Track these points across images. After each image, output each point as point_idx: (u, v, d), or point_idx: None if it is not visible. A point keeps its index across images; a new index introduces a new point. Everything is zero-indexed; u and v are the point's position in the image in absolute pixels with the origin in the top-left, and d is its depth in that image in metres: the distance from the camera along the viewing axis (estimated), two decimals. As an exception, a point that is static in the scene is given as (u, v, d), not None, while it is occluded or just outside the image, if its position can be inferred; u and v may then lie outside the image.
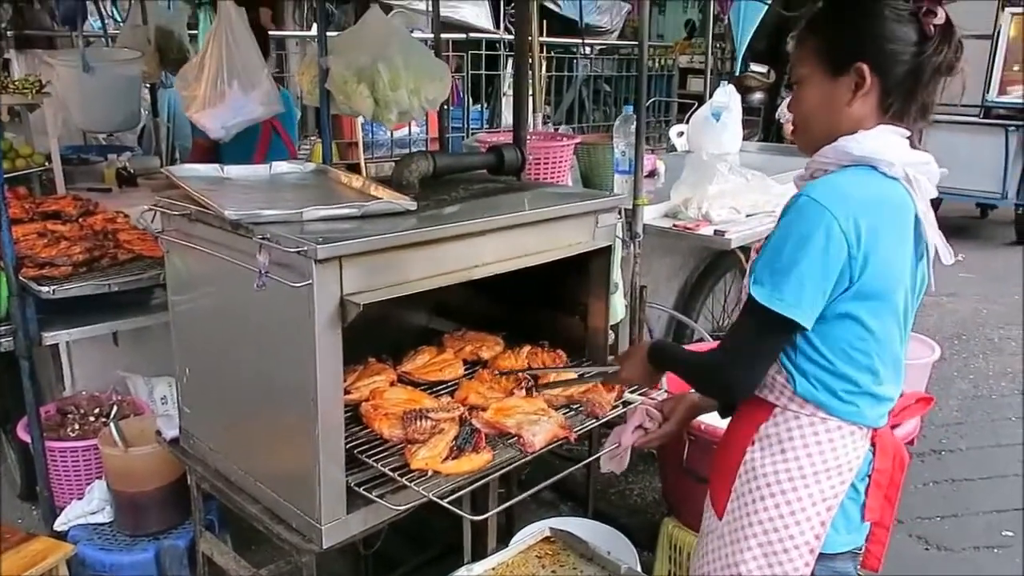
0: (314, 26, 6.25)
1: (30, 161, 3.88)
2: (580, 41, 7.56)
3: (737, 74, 6.44)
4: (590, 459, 2.28)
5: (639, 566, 2.28)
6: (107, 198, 3.83)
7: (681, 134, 4.86)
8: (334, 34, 3.10)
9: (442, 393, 2.12)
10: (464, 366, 2.27)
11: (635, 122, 3.04)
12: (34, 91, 3.81)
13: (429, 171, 2.23)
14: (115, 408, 2.84)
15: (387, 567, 2.70)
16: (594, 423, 2.04)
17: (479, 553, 2.31)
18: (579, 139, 3.46)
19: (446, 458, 1.75)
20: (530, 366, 2.23)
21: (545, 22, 7.15)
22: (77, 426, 2.79)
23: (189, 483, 2.20)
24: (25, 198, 3.46)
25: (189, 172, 2.17)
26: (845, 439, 1.47)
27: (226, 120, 2.93)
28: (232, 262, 1.76)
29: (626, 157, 3.12)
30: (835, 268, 1.36)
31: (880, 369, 1.46)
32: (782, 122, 7.35)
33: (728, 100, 4.35)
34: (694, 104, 5.47)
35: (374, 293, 1.67)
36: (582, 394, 2.08)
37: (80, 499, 2.63)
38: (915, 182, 1.40)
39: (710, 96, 4.66)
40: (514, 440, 1.86)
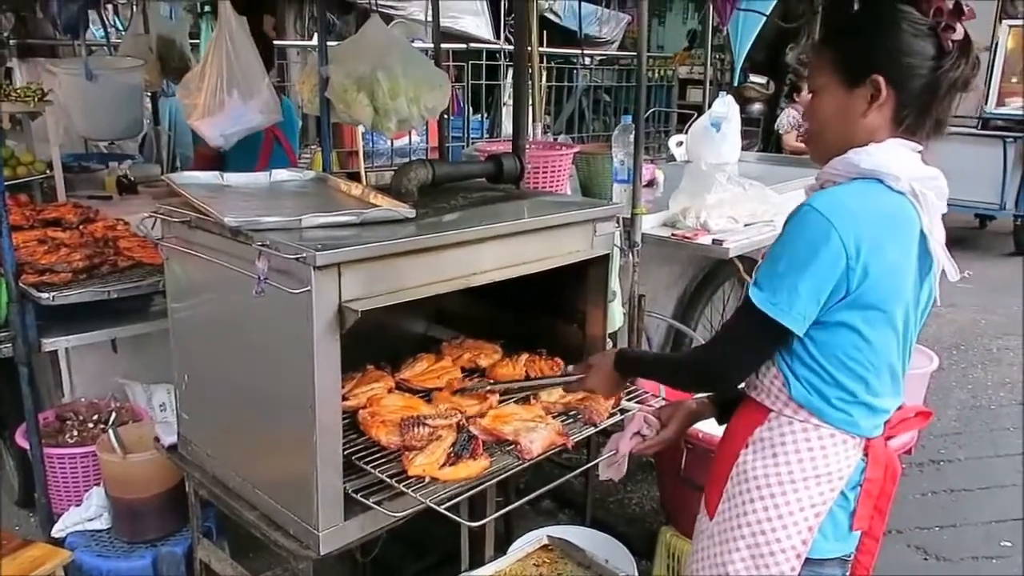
0: (315, 35, 6.29)
1: (31, 168, 3.91)
2: (580, 52, 7.60)
3: (736, 85, 6.47)
4: (588, 466, 2.28)
5: (637, 575, 2.28)
6: (107, 205, 3.85)
7: (680, 144, 4.88)
8: (335, 43, 3.12)
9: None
10: (462, 374, 2.27)
11: (634, 132, 3.05)
12: (36, 99, 3.84)
13: (428, 179, 2.24)
14: (114, 415, 2.84)
15: (385, 574, 2.70)
16: (592, 430, 2.04)
17: (477, 560, 2.32)
18: (578, 148, 3.47)
19: (443, 465, 1.75)
20: (528, 375, 2.23)
21: (545, 32, 7.19)
22: (76, 432, 2.78)
23: (187, 490, 2.21)
24: (26, 205, 3.48)
25: (189, 179, 2.18)
26: (837, 447, 1.48)
27: (225, 128, 2.95)
28: (231, 269, 1.77)
29: (625, 166, 3.14)
30: (831, 278, 1.38)
31: (874, 380, 1.47)
32: (781, 133, 7.39)
33: (727, 111, 4.38)
34: (693, 114, 5.49)
35: (372, 300, 1.67)
36: (579, 401, 2.09)
37: (78, 506, 2.63)
38: (922, 197, 1.41)
39: (709, 107, 4.68)
40: (512, 447, 1.86)
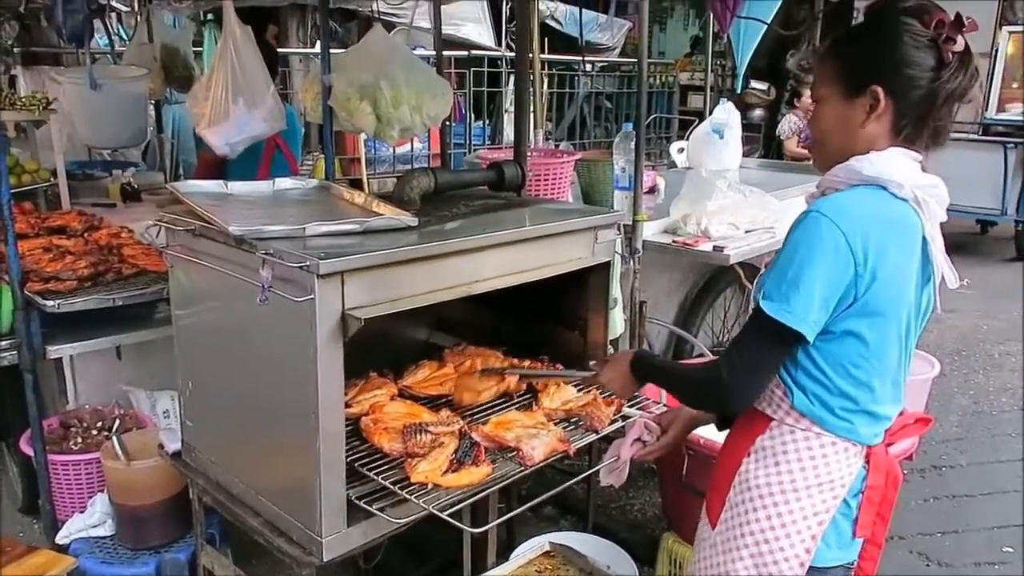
0: (317, 43, 6.32)
1: (36, 176, 3.93)
2: (581, 58, 7.62)
3: (738, 91, 6.49)
4: (589, 472, 2.29)
5: (638, 581, 2.29)
6: (112, 213, 3.87)
7: (681, 150, 4.90)
8: (338, 51, 3.14)
9: (442, 406, 2.14)
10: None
11: (635, 139, 3.06)
12: (41, 108, 3.86)
13: (430, 187, 2.25)
14: (117, 421, 2.85)
15: (387, 581, 2.71)
16: (593, 437, 2.05)
17: (479, 567, 2.32)
18: (579, 155, 3.48)
19: (446, 471, 1.76)
20: (531, 386, 2.24)
21: (546, 39, 7.22)
22: (80, 439, 2.79)
23: (191, 496, 2.22)
24: (31, 213, 3.50)
25: (193, 188, 2.20)
26: (839, 455, 1.48)
27: (230, 137, 2.96)
28: (235, 277, 1.78)
29: (626, 173, 3.15)
30: (841, 283, 1.38)
31: (878, 387, 1.47)
32: (782, 138, 7.41)
33: (728, 117, 4.39)
34: (695, 121, 5.50)
35: (375, 308, 1.68)
36: (581, 408, 2.10)
37: (82, 512, 2.64)
38: (924, 204, 1.42)
39: (710, 113, 4.69)
40: (514, 454, 1.87)
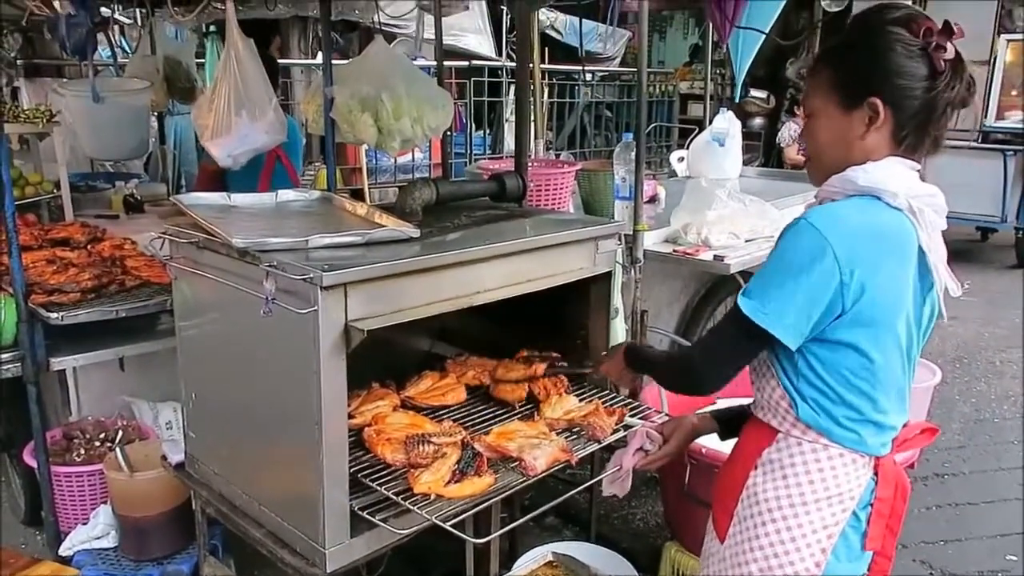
0: (319, 54, 6.34)
1: (39, 189, 3.95)
2: (581, 68, 7.65)
3: (736, 100, 6.51)
4: (592, 482, 2.29)
5: (641, 590, 2.29)
6: (115, 225, 3.88)
7: (682, 159, 4.90)
8: (339, 62, 3.16)
9: (444, 418, 2.14)
10: (467, 391, 2.29)
11: (635, 149, 3.07)
12: (44, 120, 3.88)
13: (432, 199, 2.26)
14: (120, 433, 2.86)
15: (390, 592, 2.70)
16: (595, 446, 2.05)
17: (482, 577, 2.32)
18: (580, 166, 3.49)
19: (449, 482, 1.76)
20: (531, 392, 2.25)
21: (547, 49, 7.26)
22: (83, 451, 2.80)
23: (194, 508, 2.22)
24: (34, 225, 3.52)
25: (196, 200, 2.21)
26: (847, 467, 1.47)
27: (232, 149, 2.98)
28: (239, 289, 1.79)
29: (626, 183, 3.15)
30: (824, 294, 1.37)
31: (880, 397, 1.46)
32: (782, 146, 7.43)
33: (728, 127, 4.40)
34: (695, 129, 5.52)
35: (378, 319, 1.69)
36: (583, 418, 2.11)
37: (85, 524, 2.65)
38: (919, 213, 1.41)
39: (710, 122, 4.71)
40: (516, 464, 1.87)
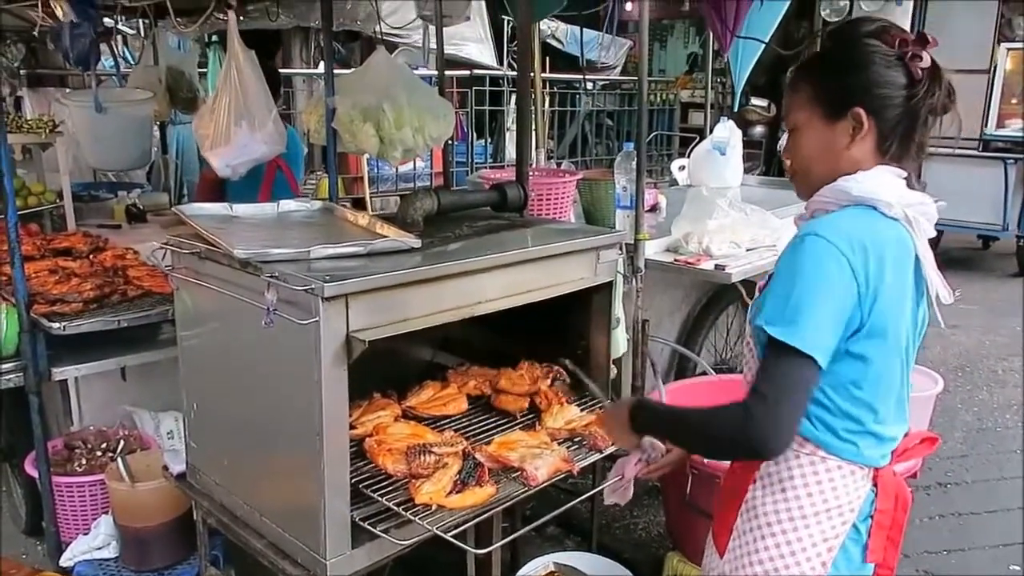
0: (320, 64, 6.37)
1: (42, 199, 3.97)
2: (582, 77, 7.68)
3: (737, 109, 6.52)
4: (593, 491, 2.28)
5: (643, 601, 2.28)
6: (117, 234, 3.90)
7: (682, 168, 4.91)
8: (341, 72, 3.16)
9: (446, 428, 2.14)
10: (468, 401, 2.29)
11: (636, 159, 3.07)
12: (47, 130, 3.90)
13: (433, 209, 2.27)
14: (122, 443, 2.86)
15: (391, 602, 2.70)
16: (597, 456, 2.06)
17: (483, 588, 2.31)
18: (581, 175, 3.50)
19: (450, 492, 1.77)
20: (533, 402, 2.25)
21: (548, 58, 7.28)
22: (84, 461, 2.80)
23: (195, 518, 2.22)
24: (36, 235, 3.53)
25: (198, 211, 2.22)
26: (846, 479, 1.45)
27: (232, 159, 2.97)
28: (240, 299, 1.80)
29: (627, 193, 3.15)
30: (849, 306, 1.34)
31: (881, 408, 1.45)
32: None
33: (728, 135, 4.41)
34: (695, 138, 5.53)
35: (379, 330, 1.70)
36: (584, 427, 2.11)
37: (86, 534, 2.64)
38: (914, 222, 1.41)
39: (710, 131, 4.71)
40: (517, 474, 1.87)
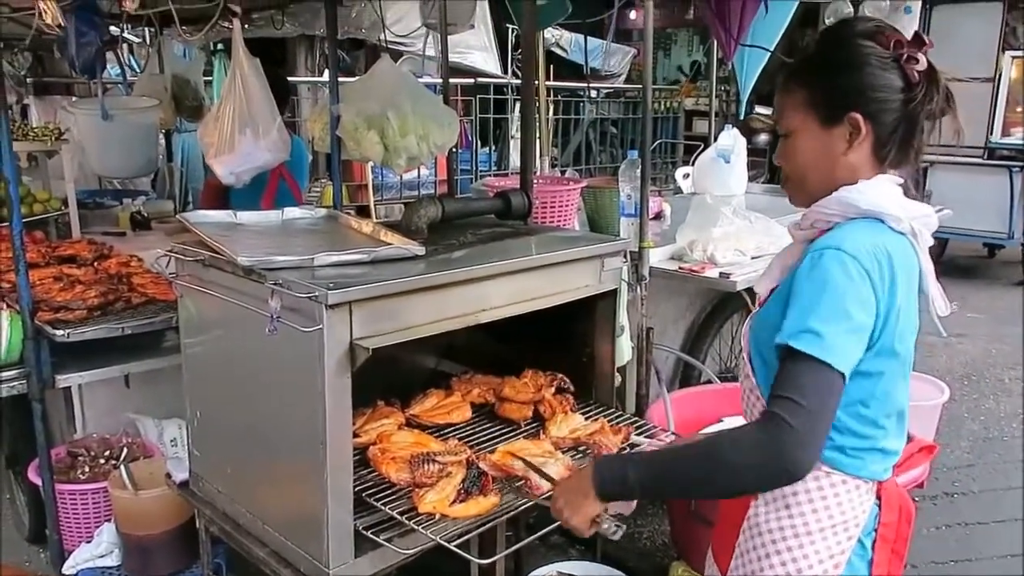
0: (325, 72, 6.38)
1: (47, 206, 3.97)
2: (586, 85, 7.69)
3: (741, 117, 6.52)
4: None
5: (648, 611, 2.26)
6: (121, 242, 3.90)
7: (687, 176, 4.90)
8: (346, 80, 3.17)
9: (450, 436, 2.13)
10: (472, 409, 2.28)
11: (641, 166, 3.07)
12: (53, 138, 3.91)
13: (438, 216, 2.27)
14: (125, 450, 2.85)
15: (394, 612, 2.68)
16: (601, 466, 2.04)
17: (487, 597, 2.30)
18: (585, 183, 3.50)
19: (454, 501, 1.76)
20: (536, 411, 2.24)
21: (552, 66, 7.29)
22: (87, 468, 2.79)
23: (198, 526, 2.21)
24: (41, 242, 3.54)
25: (202, 218, 2.22)
26: (850, 493, 1.43)
27: (235, 167, 2.98)
28: (244, 307, 1.79)
29: (632, 200, 3.15)
30: (870, 321, 1.32)
31: (887, 423, 1.43)
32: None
33: (733, 143, 4.40)
34: (700, 146, 5.53)
35: (383, 337, 1.69)
36: (589, 436, 2.09)
37: (89, 542, 2.64)
38: (920, 236, 1.39)
39: (715, 139, 4.71)
40: (521, 483, 1.86)
